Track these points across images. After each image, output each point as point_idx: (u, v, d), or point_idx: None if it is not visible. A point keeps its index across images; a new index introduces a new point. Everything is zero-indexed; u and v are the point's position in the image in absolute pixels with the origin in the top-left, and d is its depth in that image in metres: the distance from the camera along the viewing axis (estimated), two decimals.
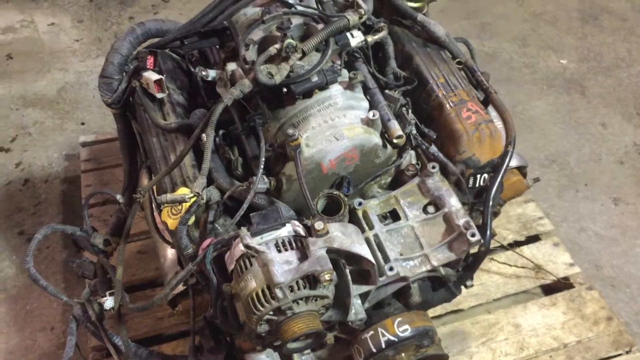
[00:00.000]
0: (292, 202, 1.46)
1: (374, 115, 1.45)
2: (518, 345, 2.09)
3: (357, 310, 1.41)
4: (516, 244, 2.40)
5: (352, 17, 1.49)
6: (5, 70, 3.58)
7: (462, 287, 1.60)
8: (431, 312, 2.15)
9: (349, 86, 1.52)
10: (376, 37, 1.62)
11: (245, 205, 1.35)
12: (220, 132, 1.51)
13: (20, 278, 2.54)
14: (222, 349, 1.49)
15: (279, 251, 1.28)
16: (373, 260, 1.32)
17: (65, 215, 2.77)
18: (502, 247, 2.34)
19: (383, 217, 1.52)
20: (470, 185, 1.52)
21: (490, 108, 1.70)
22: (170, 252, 1.69)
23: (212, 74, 1.55)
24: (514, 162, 1.66)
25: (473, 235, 1.40)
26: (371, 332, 1.47)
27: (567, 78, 3.46)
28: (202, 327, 1.49)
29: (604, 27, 3.83)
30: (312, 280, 1.25)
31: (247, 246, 1.26)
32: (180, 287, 1.56)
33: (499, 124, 1.63)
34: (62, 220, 2.75)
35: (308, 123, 1.46)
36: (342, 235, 1.29)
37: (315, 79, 1.45)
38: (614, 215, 2.75)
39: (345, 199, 1.41)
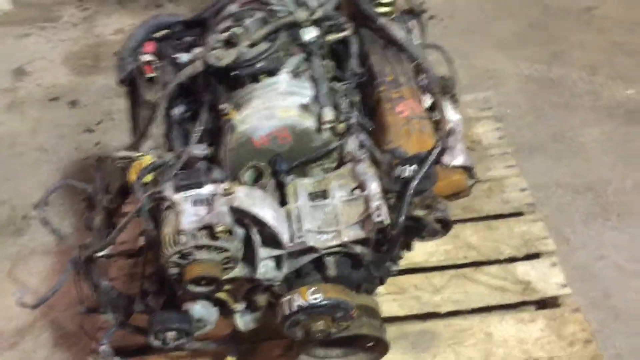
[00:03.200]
0: (230, 171, 1.65)
1: (308, 101, 1.62)
2: (484, 353, 2.11)
3: (267, 270, 1.57)
4: (512, 260, 2.40)
5: (300, 13, 1.67)
6: (110, 64, 4.11)
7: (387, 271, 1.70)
8: (406, 311, 2.27)
9: (296, 75, 1.70)
10: (337, 35, 1.79)
11: (178, 165, 1.58)
12: (183, 107, 1.75)
13: (74, 236, 2.93)
14: (163, 293, 1.71)
15: (194, 205, 1.49)
16: (271, 222, 1.48)
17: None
18: (493, 261, 2.36)
19: (316, 196, 1.67)
20: (396, 175, 1.62)
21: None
22: None
23: (184, 57, 1.80)
24: (458, 161, 1.74)
25: (378, 215, 1.52)
26: (288, 297, 1.62)
27: (630, 109, 3.34)
28: (152, 272, 1.73)
29: None
30: (213, 232, 1.44)
31: (166, 197, 1.48)
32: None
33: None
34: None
35: (250, 103, 1.66)
36: (245, 197, 1.47)
37: (260, 65, 1.65)
38: None
39: (268, 170, 1.59)
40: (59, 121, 3.67)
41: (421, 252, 2.45)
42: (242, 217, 1.49)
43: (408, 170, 1.62)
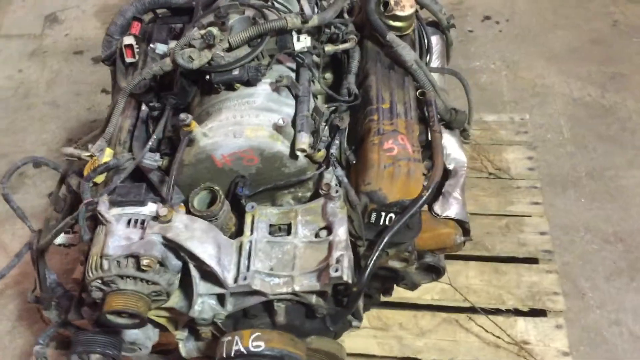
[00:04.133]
0: (187, 187, 1.45)
1: (283, 122, 1.40)
2: None
3: (204, 309, 1.38)
4: (514, 313, 2.15)
5: (292, 20, 1.44)
6: None
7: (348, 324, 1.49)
8: (384, 352, 2.06)
9: (276, 89, 1.47)
10: (337, 47, 1.55)
11: (122, 176, 1.39)
12: (152, 104, 1.55)
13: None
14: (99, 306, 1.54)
15: (128, 227, 1.30)
16: (209, 261, 1.28)
17: None
18: (483, 310, 2.11)
19: (279, 229, 1.47)
20: (372, 221, 1.40)
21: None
22: None
23: (161, 48, 1.59)
24: (451, 212, 1.50)
25: (336, 270, 1.31)
26: (229, 338, 1.44)
27: None
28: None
29: None
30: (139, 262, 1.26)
31: (99, 212, 1.30)
32: None
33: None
34: None
35: (220, 114, 1.45)
36: (184, 228, 1.28)
37: (236, 72, 1.43)
38: None
39: (222, 196, 1.38)
40: (77, 77, 3.54)
41: None
42: (177, 249, 1.30)
43: (385, 218, 1.40)
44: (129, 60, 1.69)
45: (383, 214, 1.39)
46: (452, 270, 2.27)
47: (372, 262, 1.34)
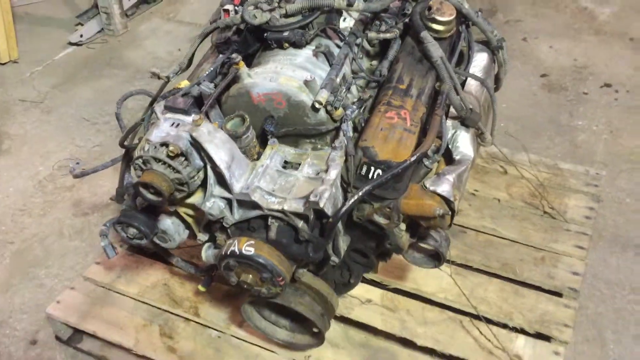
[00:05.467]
0: (229, 114, 1.82)
1: (310, 78, 1.72)
2: None
3: (213, 207, 1.72)
4: (517, 331, 2.25)
5: (339, 1, 1.78)
6: None
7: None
8: (385, 327, 2.26)
9: (315, 54, 1.82)
10: (379, 35, 1.86)
11: (182, 92, 1.79)
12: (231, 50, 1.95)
13: None
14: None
15: (171, 126, 1.69)
16: (219, 163, 1.63)
17: None
18: (484, 318, 2.24)
19: (291, 166, 1.79)
20: (362, 173, 1.67)
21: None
22: None
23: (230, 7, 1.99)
24: (441, 189, 1.70)
25: (315, 196, 1.59)
26: (230, 241, 1.77)
27: None
28: None
29: None
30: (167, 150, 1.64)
31: (154, 111, 1.71)
32: None
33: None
34: None
35: (267, 64, 1.82)
36: (207, 133, 1.63)
37: (286, 34, 1.80)
38: None
39: (248, 123, 1.72)
40: None
41: (435, 284, 2.40)
42: (199, 150, 1.66)
43: (373, 172, 1.66)
44: None
45: (372, 168, 1.65)
46: (474, 281, 2.42)
47: (350, 202, 1.60)
